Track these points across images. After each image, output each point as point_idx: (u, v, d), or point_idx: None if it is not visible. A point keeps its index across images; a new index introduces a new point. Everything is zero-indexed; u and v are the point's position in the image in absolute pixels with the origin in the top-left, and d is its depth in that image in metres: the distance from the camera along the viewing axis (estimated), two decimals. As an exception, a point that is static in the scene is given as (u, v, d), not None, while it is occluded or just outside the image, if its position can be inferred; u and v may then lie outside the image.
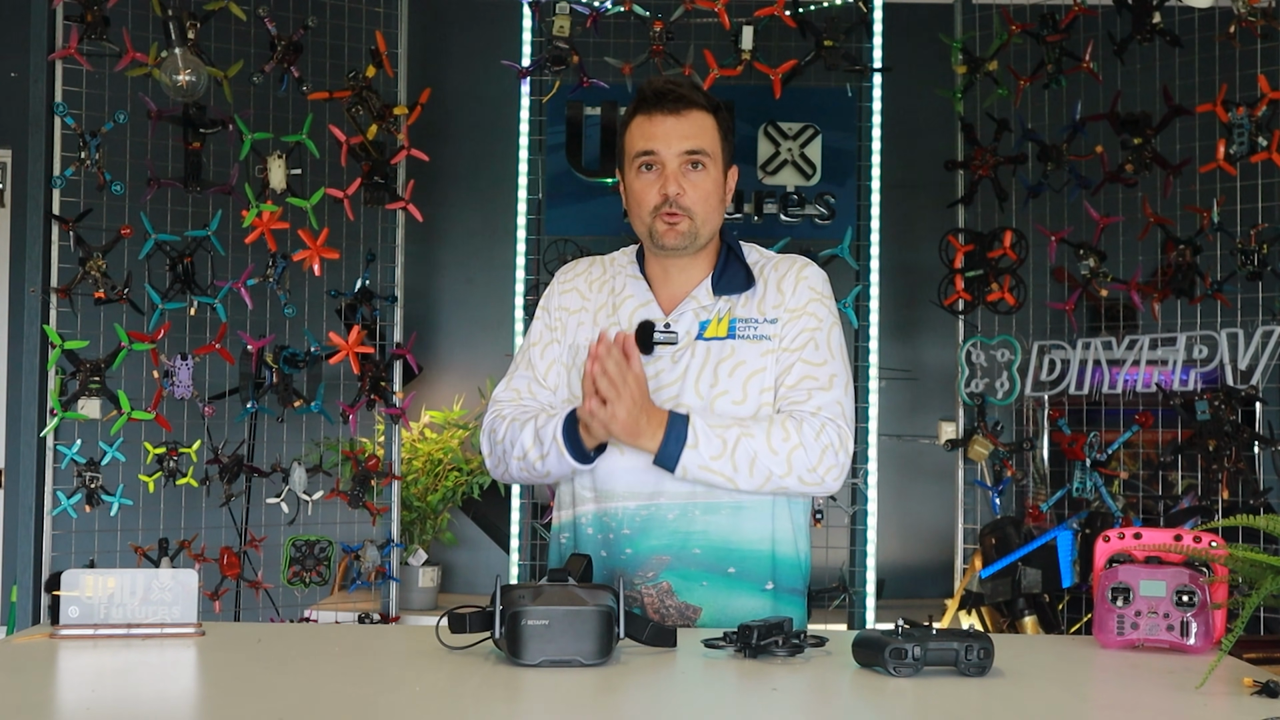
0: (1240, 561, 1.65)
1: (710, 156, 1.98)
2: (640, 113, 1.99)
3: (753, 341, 1.97)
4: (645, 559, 1.95)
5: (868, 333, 4.11)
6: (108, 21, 3.73)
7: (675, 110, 1.96)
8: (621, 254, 2.14)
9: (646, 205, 1.98)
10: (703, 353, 1.97)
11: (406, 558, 4.29)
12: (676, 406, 1.94)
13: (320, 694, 1.49)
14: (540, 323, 2.11)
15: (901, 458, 4.87)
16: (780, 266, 2.05)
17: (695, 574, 1.94)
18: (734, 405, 1.94)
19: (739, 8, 4.01)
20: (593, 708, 1.45)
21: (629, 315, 2.02)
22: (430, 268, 4.96)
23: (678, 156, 1.96)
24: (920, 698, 1.47)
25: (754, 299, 2.01)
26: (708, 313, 2.00)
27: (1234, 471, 3.75)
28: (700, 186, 1.97)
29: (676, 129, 1.96)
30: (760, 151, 4.19)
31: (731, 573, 1.95)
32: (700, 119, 1.98)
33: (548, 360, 2.07)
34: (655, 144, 1.97)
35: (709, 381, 1.95)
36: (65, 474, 3.78)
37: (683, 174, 1.96)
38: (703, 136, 1.97)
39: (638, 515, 1.95)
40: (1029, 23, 4.10)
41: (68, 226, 3.74)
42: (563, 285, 2.12)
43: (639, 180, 1.99)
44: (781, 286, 2.02)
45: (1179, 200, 4.01)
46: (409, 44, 4.20)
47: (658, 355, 1.98)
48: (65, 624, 1.72)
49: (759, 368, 1.96)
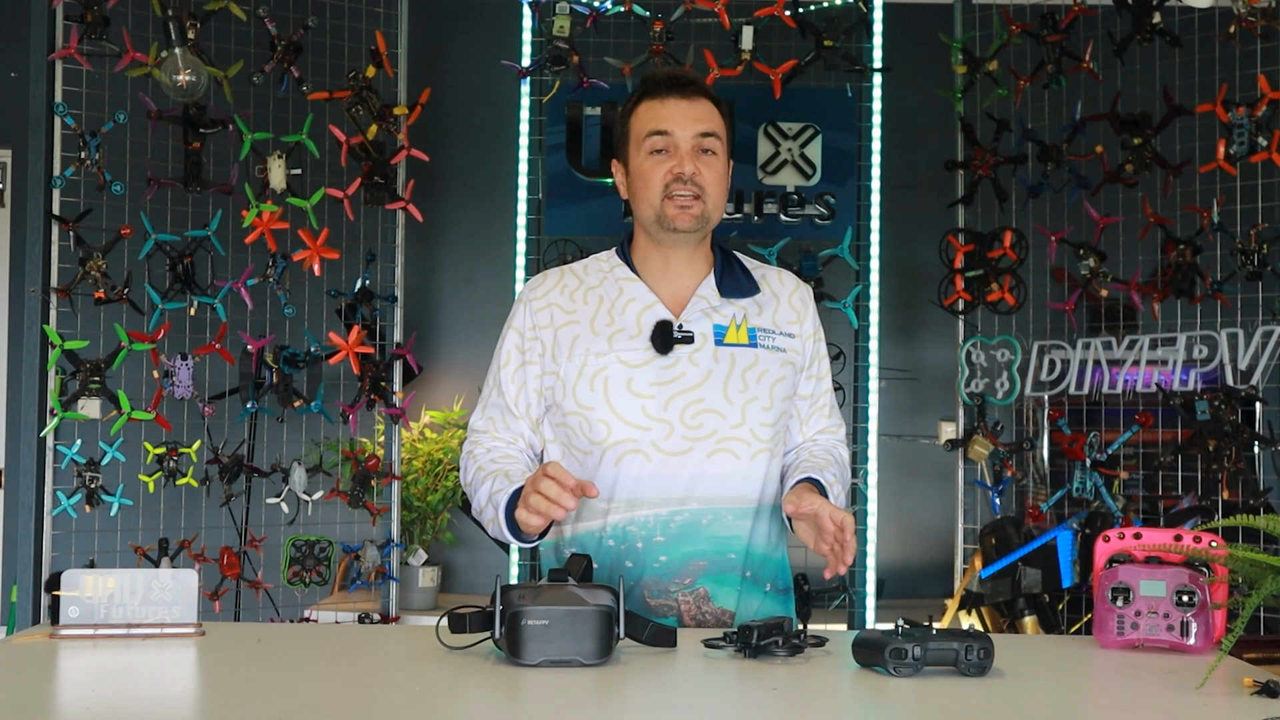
0: (1240, 561, 1.65)
1: (721, 142, 1.97)
2: (649, 97, 1.98)
3: (773, 352, 1.99)
4: (682, 565, 1.92)
5: (868, 333, 4.11)
6: (108, 21, 3.73)
7: (686, 94, 1.96)
8: (597, 259, 2.07)
9: (656, 186, 1.94)
10: (727, 359, 1.95)
11: (406, 558, 4.29)
12: (704, 410, 1.93)
13: (320, 694, 1.49)
14: (510, 342, 2.03)
15: (901, 458, 4.87)
16: (785, 281, 2.07)
17: (730, 579, 1.94)
18: (763, 411, 1.95)
19: (739, 8, 4.01)
20: (593, 708, 1.45)
21: (636, 317, 1.97)
22: (430, 268, 4.96)
23: (692, 138, 1.94)
24: (920, 698, 1.47)
25: (767, 310, 2.02)
26: (720, 315, 1.98)
27: (1234, 471, 3.75)
28: (714, 169, 1.96)
29: (690, 111, 1.95)
30: (760, 151, 4.19)
31: (748, 576, 1.96)
32: (711, 108, 1.98)
33: (517, 385, 2.01)
34: (670, 124, 1.94)
35: (738, 387, 1.94)
36: (65, 474, 3.78)
37: (696, 155, 1.94)
38: (713, 120, 1.97)
39: (671, 521, 1.92)
40: (1029, 23, 4.10)
41: (68, 226, 3.74)
42: (536, 303, 2.01)
43: (648, 161, 1.95)
44: (793, 303, 2.05)
45: (1179, 200, 4.01)
46: (409, 44, 4.20)
47: (675, 357, 1.94)
48: (65, 624, 1.72)
49: (780, 376, 1.99)
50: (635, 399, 1.92)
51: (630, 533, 1.93)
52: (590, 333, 1.97)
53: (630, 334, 1.95)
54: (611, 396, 1.93)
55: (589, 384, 1.94)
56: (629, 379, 1.93)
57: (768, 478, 1.97)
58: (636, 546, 1.92)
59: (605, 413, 1.93)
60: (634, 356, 1.94)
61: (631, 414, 1.92)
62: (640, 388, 1.93)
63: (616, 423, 1.92)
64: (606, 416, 1.93)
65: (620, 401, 1.92)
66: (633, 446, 1.92)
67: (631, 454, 1.92)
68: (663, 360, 1.93)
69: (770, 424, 1.96)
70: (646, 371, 1.93)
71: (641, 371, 1.93)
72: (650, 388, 1.92)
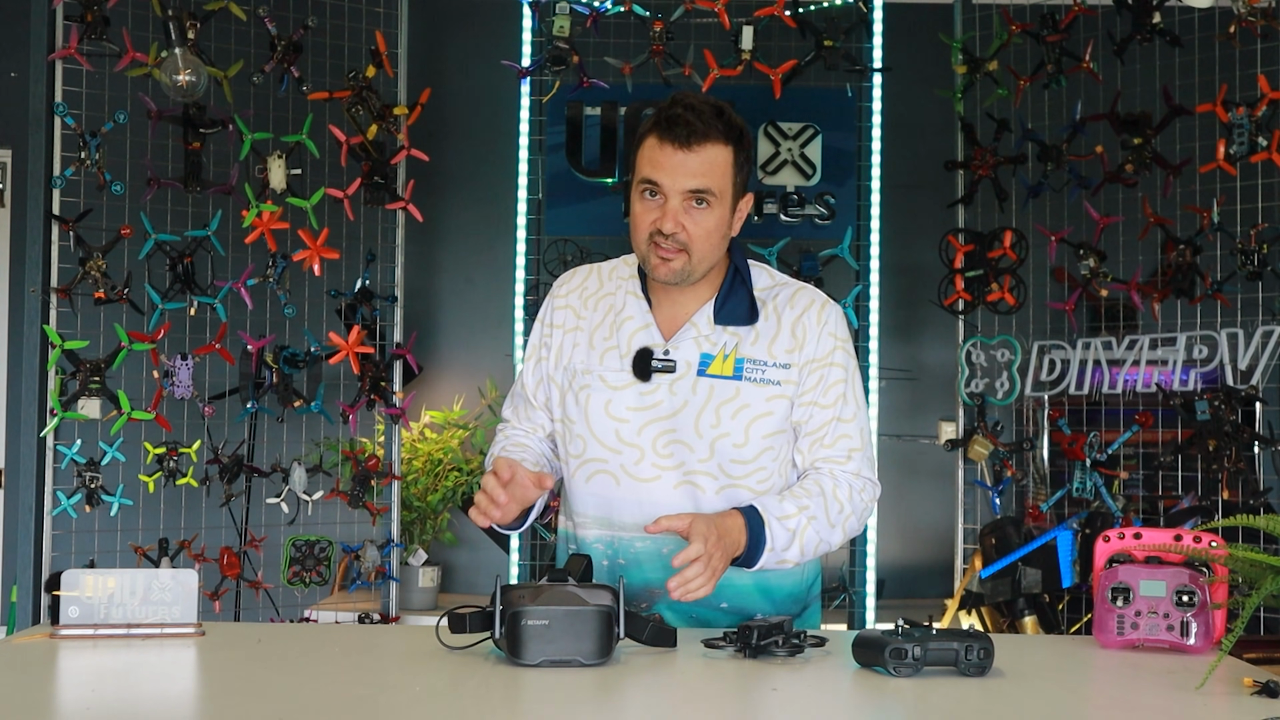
0: (1240, 561, 1.65)
1: (716, 195, 1.87)
2: (653, 134, 1.88)
3: (759, 385, 1.92)
4: (638, 590, 1.93)
5: (868, 333, 4.11)
6: (108, 21, 3.73)
7: (687, 144, 1.85)
8: (623, 264, 2.06)
9: (643, 232, 1.90)
10: (705, 390, 1.92)
11: (406, 558, 4.29)
12: (674, 440, 1.91)
13: (320, 694, 1.49)
14: (536, 335, 2.08)
15: (901, 458, 4.87)
16: (797, 302, 1.98)
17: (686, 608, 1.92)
18: (735, 448, 1.91)
19: (739, 8, 4.01)
20: (593, 708, 1.45)
21: (628, 338, 1.96)
22: (430, 268, 4.96)
23: (681, 194, 1.86)
24: (920, 698, 1.47)
25: (764, 339, 1.94)
26: (709, 344, 1.94)
27: (1234, 471, 3.75)
28: (702, 224, 1.87)
29: (684, 165, 1.85)
30: (760, 151, 4.19)
31: (724, 608, 1.95)
32: (713, 154, 1.86)
33: (536, 378, 2.06)
34: (660, 175, 1.86)
35: (710, 421, 1.91)
36: (65, 474, 3.78)
37: (684, 210, 1.86)
38: (711, 174, 1.86)
39: (633, 545, 1.94)
40: (1029, 23, 4.10)
41: (68, 226, 3.74)
42: (558, 300, 2.06)
43: (640, 203, 1.91)
44: (797, 331, 1.95)
45: (1179, 200, 4.01)
46: (409, 44, 4.19)
47: (655, 384, 1.93)
48: (65, 624, 1.72)
49: (764, 412, 1.92)
50: (611, 421, 1.94)
51: (596, 550, 1.96)
52: (588, 345, 2.00)
53: (620, 353, 1.96)
54: (590, 415, 1.96)
55: (575, 398, 1.98)
56: (608, 400, 1.95)
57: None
58: (602, 564, 1.94)
59: (583, 428, 1.97)
60: (617, 379, 1.95)
61: (606, 435, 1.95)
62: (618, 411, 1.94)
63: (591, 441, 1.96)
64: (583, 433, 1.97)
65: (597, 422, 1.95)
66: (603, 467, 1.95)
67: (601, 474, 1.95)
68: (642, 386, 1.93)
69: (744, 460, 1.92)
70: (626, 395, 1.94)
71: (621, 395, 1.94)
72: (627, 412, 1.94)
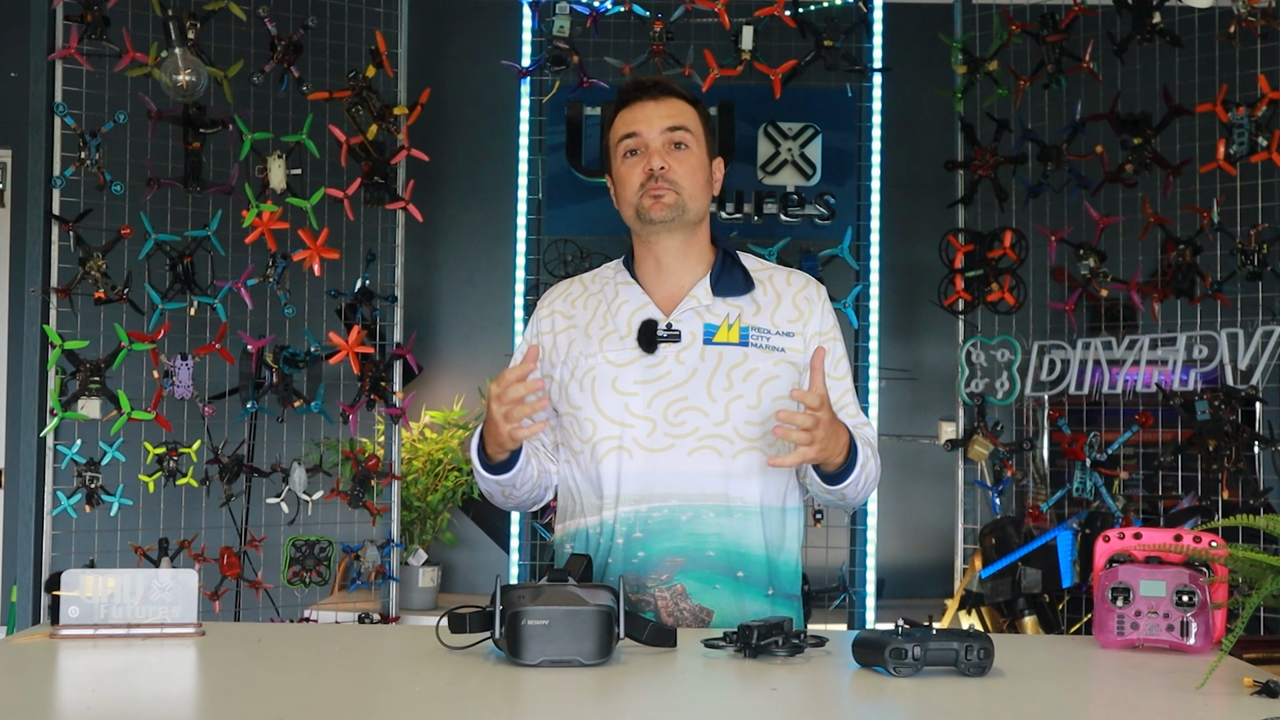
0: (1240, 561, 1.65)
1: (693, 135, 2.02)
2: (623, 106, 2.05)
3: (766, 351, 1.98)
4: (659, 561, 1.93)
5: (868, 333, 4.11)
6: (108, 21, 3.73)
7: (655, 96, 2.03)
8: (607, 267, 2.15)
9: (632, 186, 2.01)
10: (714, 357, 1.97)
11: (406, 558, 4.29)
12: (687, 408, 1.94)
13: (320, 694, 1.49)
14: (524, 342, 2.16)
15: (901, 458, 4.87)
16: (793, 280, 2.07)
17: (709, 576, 1.94)
18: (749, 409, 1.95)
19: (739, 8, 4.01)
20: (593, 708, 1.45)
21: (627, 319, 2.01)
22: (430, 268, 4.96)
23: (661, 134, 2.00)
24: (920, 698, 1.47)
25: (766, 310, 2.01)
26: (712, 315, 2.00)
27: (1234, 471, 3.75)
28: (685, 163, 2.01)
29: (657, 110, 2.01)
30: (760, 151, 4.19)
31: (740, 576, 1.95)
32: (680, 105, 2.03)
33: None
34: (637, 125, 2.01)
35: (722, 384, 1.95)
36: (65, 474, 3.78)
37: (667, 151, 2.00)
38: (683, 116, 2.02)
39: (650, 517, 1.94)
40: (1029, 23, 4.10)
41: (68, 226, 3.74)
42: (542, 312, 2.13)
43: (624, 165, 2.03)
44: (798, 303, 2.03)
45: (1179, 200, 4.01)
46: (409, 44, 4.20)
47: (661, 355, 1.97)
48: (65, 624, 1.72)
49: (772, 375, 1.97)
50: (619, 396, 1.97)
51: (613, 529, 1.96)
52: (584, 336, 2.03)
53: (621, 335, 2.00)
54: (597, 395, 1.98)
55: (579, 384, 2.00)
56: (614, 377, 1.98)
57: (764, 477, 1.97)
58: (617, 542, 1.95)
59: (591, 411, 1.98)
60: (620, 356, 1.99)
61: (615, 411, 1.97)
62: (625, 385, 1.97)
63: (601, 420, 1.97)
64: (592, 415, 1.98)
65: (605, 399, 1.97)
66: (615, 444, 1.96)
67: (615, 450, 1.96)
68: (648, 359, 1.97)
69: (758, 422, 1.95)
70: (632, 370, 1.97)
71: (627, 370, 1.97)
72: (635, 385, 1.97)
